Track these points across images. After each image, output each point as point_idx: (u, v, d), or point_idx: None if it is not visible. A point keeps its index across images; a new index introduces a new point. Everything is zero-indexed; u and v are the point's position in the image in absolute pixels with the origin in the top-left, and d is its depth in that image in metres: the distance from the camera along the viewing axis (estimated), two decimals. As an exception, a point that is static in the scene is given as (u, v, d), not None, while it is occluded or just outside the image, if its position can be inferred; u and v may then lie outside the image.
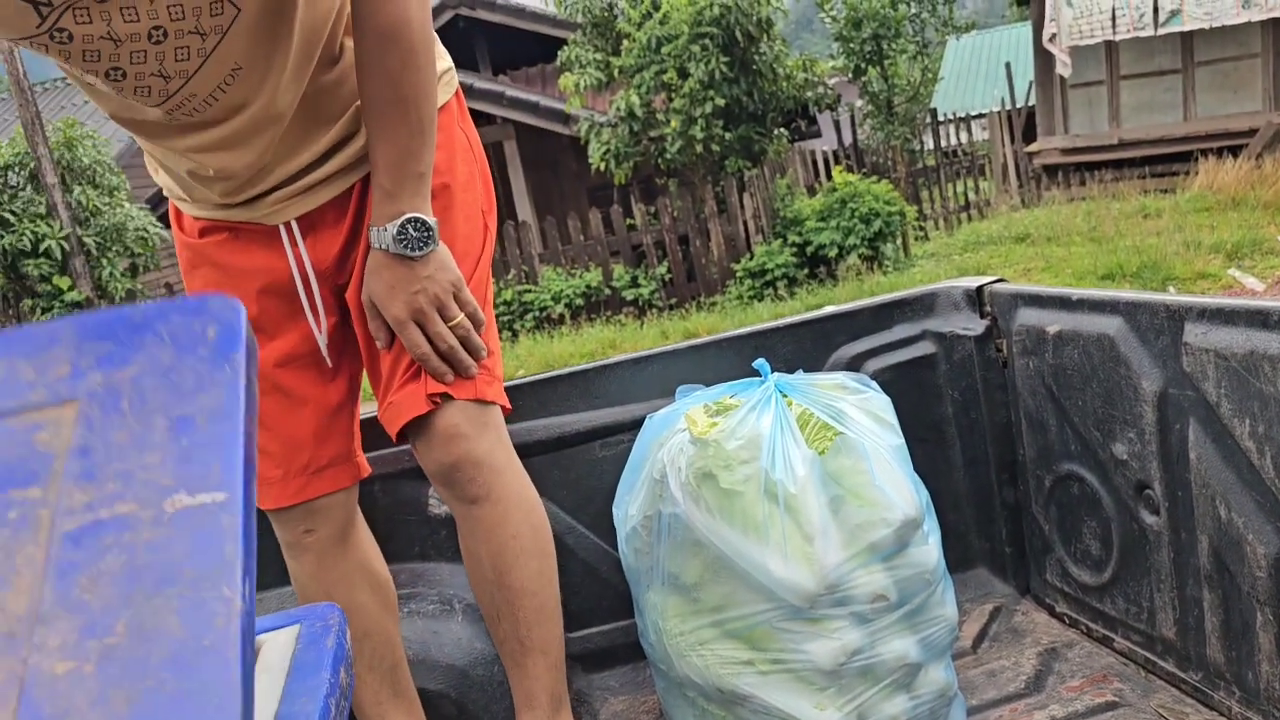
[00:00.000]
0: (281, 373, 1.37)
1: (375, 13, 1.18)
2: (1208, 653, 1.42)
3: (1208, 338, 1.31)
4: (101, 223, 10.56)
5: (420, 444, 1.37)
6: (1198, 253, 7.13)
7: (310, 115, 1.26)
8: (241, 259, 1.35)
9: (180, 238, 1.39)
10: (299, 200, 1.33)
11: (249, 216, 1.34)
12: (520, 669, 1.44)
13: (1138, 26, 10.78)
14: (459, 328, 1.32)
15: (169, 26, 1.07)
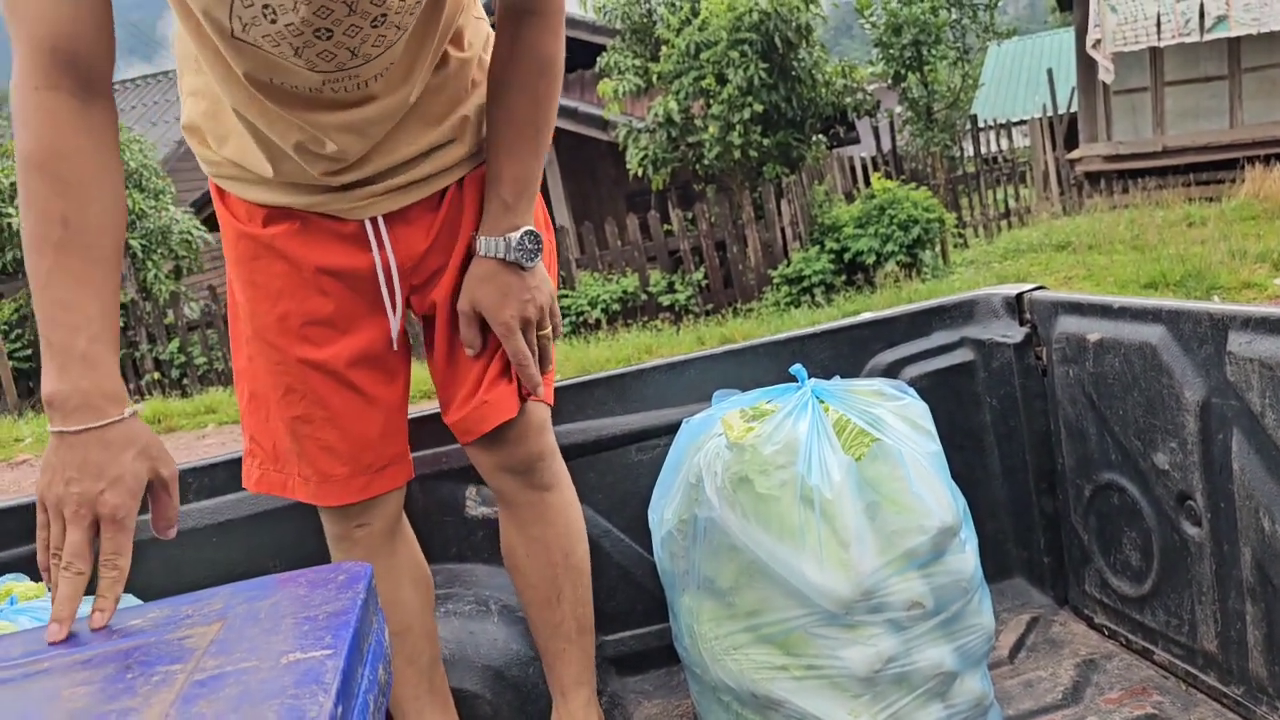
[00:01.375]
0: (354, 371, 1.37)
1: (540, 43, 1.28)
2: (1250, 667, 1.40)
3: (1252, 347, 1.29)
4: (147, 225, 10.77)
5: (501, 441, 1.42)
6: (1243, 262, 7.01)
7: (415, 114, 1.28)
8: (314, 253, 1.32)
9: (235, 226, 1.35)
10: (391, 197, 1.32)
11: (334, 208, 1.31)
12: (575, 647, 1.53)
13: (1183, 32, 10.63)
14: (545, 337, 1.39)
15: (391, 14, 1.13)
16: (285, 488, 1.40)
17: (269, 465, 1.40)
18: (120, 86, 18.96)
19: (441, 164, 1.34)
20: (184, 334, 10.33)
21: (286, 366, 1.35)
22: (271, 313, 1.34)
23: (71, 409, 1.04)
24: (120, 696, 0.86)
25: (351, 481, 1.40)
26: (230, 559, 1.67)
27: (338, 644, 0.88)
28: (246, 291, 1.35)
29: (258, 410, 1.39)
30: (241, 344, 1.39)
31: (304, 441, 1.37)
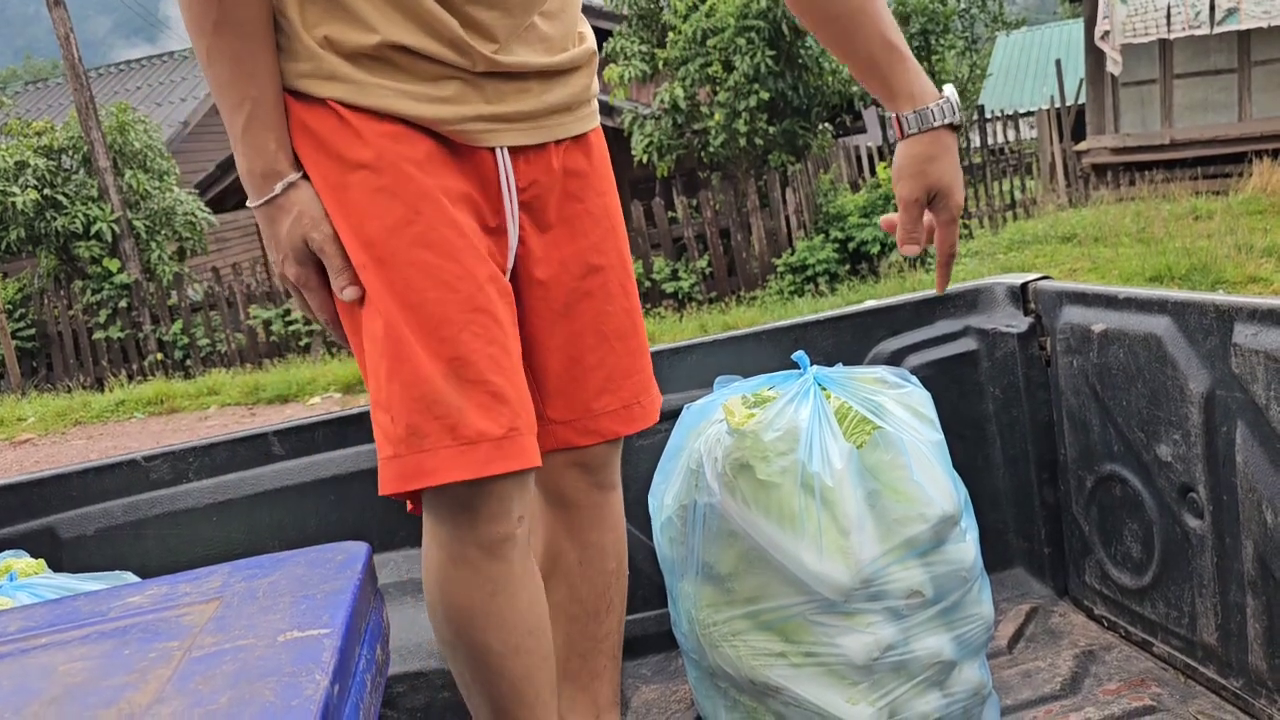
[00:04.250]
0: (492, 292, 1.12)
1: None
2: (1249, 659, 1.40)
3: (1258, 339, 1.28)
4: (151, 206, 10.76)
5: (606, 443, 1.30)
6: (1249, 256, 6.99)
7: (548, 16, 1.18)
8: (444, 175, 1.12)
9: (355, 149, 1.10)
10: (529, 128, 1.16)
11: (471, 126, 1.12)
12: (615, 664, 1.37)
13: (1193, 24, 10.57)
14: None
15: None
16: (435, 468, 1.05)
17: (407, 447, 1.06)
18: (124, 67, 18.93)
19: (576, 92, 1.20)
20: (187, 315, 10.33)
21: (465, 280, 1.08)
22: (434, 217, 1.09)
23: (249, 188, 1.12)
24: (117, 672, 0.86)
25: (528, 438, 1.09)
26: (229, 538, 1.67)
27: (335, 623, 0.89)
28: (383, 204, 1.08)
29: (401, 361, 1.06)
30: (372, 278, 1.09)
31: (471, 390, 1.06)
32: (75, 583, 1.40)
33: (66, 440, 7.39)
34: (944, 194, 1.17)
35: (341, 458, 1.73)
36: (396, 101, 1.09)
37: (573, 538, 1.32)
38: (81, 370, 10.44)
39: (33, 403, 8.85)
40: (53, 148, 10.53)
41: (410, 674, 1.59)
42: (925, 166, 1.16)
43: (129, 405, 8.15)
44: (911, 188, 1.17)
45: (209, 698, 0.78)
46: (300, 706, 0.75)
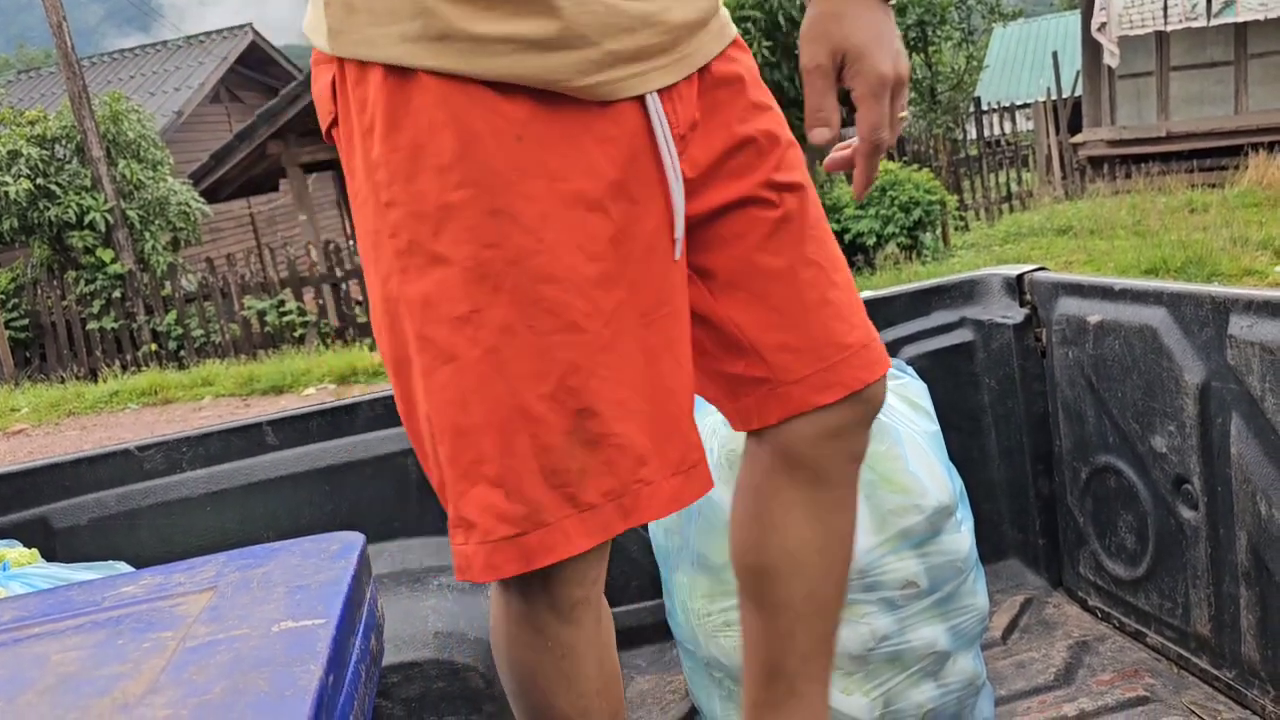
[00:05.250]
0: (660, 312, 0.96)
1: None
2: (1242, 650, 1.40)
3: (1254, 331, 1.28)
4: (145, 196, 10.71)
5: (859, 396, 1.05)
6: (1245, 249, 7.00)
7: None
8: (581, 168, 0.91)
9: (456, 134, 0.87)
10: (671, 65, 0.95)
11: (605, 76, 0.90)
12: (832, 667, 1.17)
13: (1190, 17, 10.56)
14: (903, 119, 0.97)
15: None
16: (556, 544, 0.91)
17: (531, 524, 0.90)
18: (117, 56, 18.85)
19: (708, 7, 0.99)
20: (181, 306, 10.30)
21: (594, 317, 0.91)
22: (560, 239, 0.89)
23: None
24: (111, 662, 0.86)
25: (663, 486, 0.95)
26: (223, 528, 1.67)
27: (329, 614, 0.88)
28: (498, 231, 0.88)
29: (518, 430, 0.90)
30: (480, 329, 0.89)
31: (596, 448, 0.91)
32: (69, 572, 1.40)
33: (60, 431, 7.37)
34: (856, 58, 0.92)
35: (336, 448, 1.72)
36: (518, 62, 0.87)
37: (816, 522, 1.09)
38: (75, 361, 10.41)
39: (26, 393, 8.83)
40: (46, 137, 10.48)
41: (405, 664, 1.59)
42: (830, 26, 0.92)
43: (123, 396, 8.14)
44: (811, 52, 0.93)
45: (203, 688, 0.78)
46: (294, 697, 0.75)
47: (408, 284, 0.89)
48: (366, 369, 7.80)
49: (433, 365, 0.90)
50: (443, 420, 0.91)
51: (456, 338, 0.88)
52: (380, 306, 0.94)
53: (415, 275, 0.89)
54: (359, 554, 1.03)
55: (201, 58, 17.25)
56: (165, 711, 0.75)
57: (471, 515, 0.91)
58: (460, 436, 0.90)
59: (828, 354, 1.02)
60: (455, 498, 0.91)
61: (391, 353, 0.94)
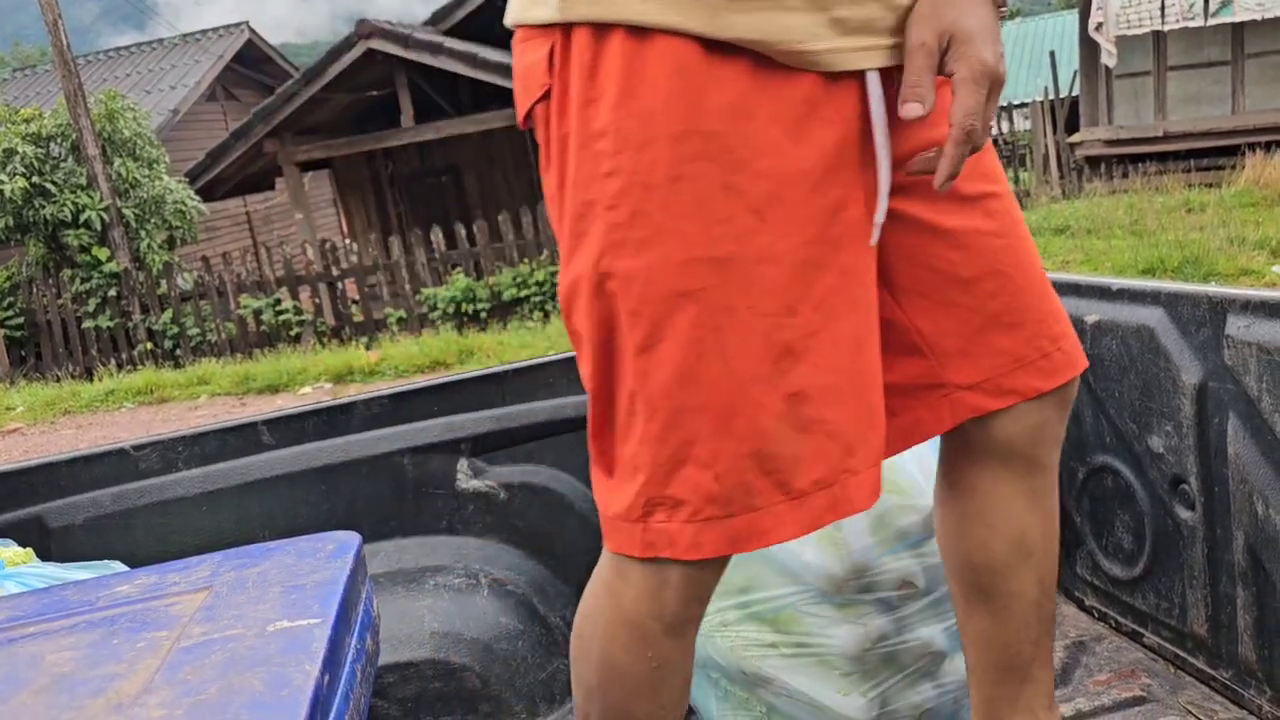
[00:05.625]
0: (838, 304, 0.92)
1: None
2: (1239, 650, 1.40)
3: (1251, 331, 1.28)
4: (140, 195, 10.70)
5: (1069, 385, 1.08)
6: (1241, 249, 7.01)
7: None
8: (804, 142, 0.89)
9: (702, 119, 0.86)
10: (893, 45, 0.92)
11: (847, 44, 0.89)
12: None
13: (1187, 16, 10.57)
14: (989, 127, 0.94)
15: None
16: (769, 529, 0.91)
17: (740, 506, 0.90)
18: (113, 54, 18.81)
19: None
20: (177, 305, 10.29)
21: (806, 301, 0.90)
22: (785, 218, 0.88)
23: None
24: (105, 662, 0.86)
25: (867, 477, 0.95)
26: (220, 527, 1.66)
27: (325, 613, 0.88)
28: (728, 206, 0.87)
29: (735, 411, 0.89)
30: (699, 306, 0.87)
31: (808, 434, 0.90)
32: (63, 572, 1.39)
33: (55, 429, 7.36)
34: (963, 41, 0.88)
35: (332, 447, 1.72)
36: (762, 20, 0.84)
37: (1035, 507, 1.12)
38: (70, 359, 10.39)
39: (21, 392, 8.81)
40: (41, 135, 10.46)
41: (400, 664, 1.58)
42: (942, 9, 0.89)
43: (118, 395, 8.12)
44: (919, 31, 0.89)
45: (198, 688, 0.77)
46: (290, 697, 0.74)
47: (624, 258, 0.87)
48: (363, 368, 7.80)
49: (648, 342, 0.88)
50: (654, 399, 0.89)
51: (677, 315, 0.87)
52: (584, 281, 0.91)
53: (634, 249, 0.87)
54: (355, 554, 1.03)
55: (197, 56, 17.23)
56: (160, 711, 0.75)
57: (680, 494, 0.90)
58: (674, 416, 0.89)
59: (1043, 345, 1.04)
60: (660, 476, 0.90)
61: (591, 328, 0.92)
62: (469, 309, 9.60)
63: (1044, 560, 1.14)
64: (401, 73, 11.36)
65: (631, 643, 0.98)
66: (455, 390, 1.76)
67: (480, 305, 9.57)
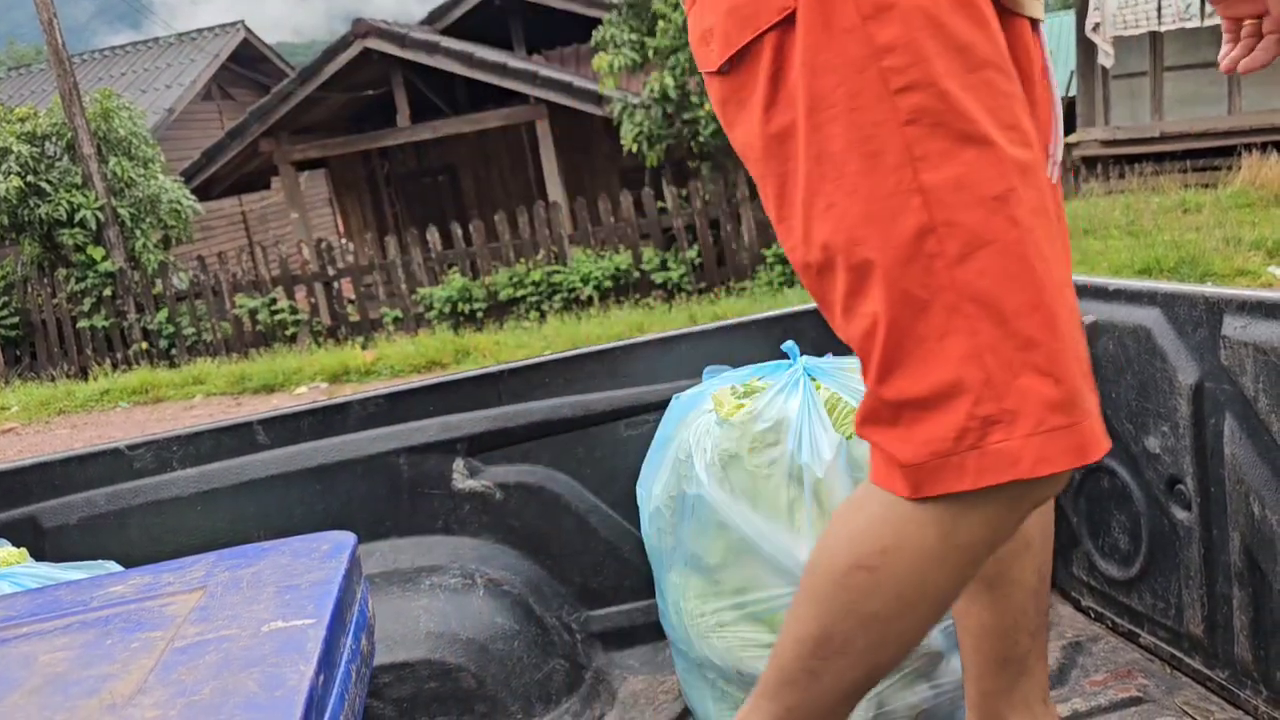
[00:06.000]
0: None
1: None
2: (1235, 651, 1.40)
3: (1247, 331, 1.28)
4: (136, 194, 10.68)
5: None
6: (1238, 249, 7.02)
7: None
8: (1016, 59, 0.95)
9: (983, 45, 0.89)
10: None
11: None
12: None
13: (1184, 17, 10.59)
14: None
15: None
16: (1096, 442, 0.88)
17: (1081, 413, 0.87)
18: (108, 53, 18.77)
19: None
20: (173, 304, 10.27)
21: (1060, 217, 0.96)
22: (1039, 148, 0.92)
23: None
24: (99, 662, 0.85)
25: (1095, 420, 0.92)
26: (214, 528, 1.66)
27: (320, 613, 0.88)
28: (1014, 105, 0.90)
29: (1051, 306, 0.87)
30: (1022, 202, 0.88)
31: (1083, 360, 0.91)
32: (57, 572, 1.39)
33: (50, 429, 7.34)
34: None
35: (328, 447, 1.72)
36: None
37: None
38: (65, 359, 10.37)
39: (16, 392, 8.79)
40: (36, 134, 10.43)
41: (396, 664, 1.58)
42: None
43: (113, 394, 8.11)
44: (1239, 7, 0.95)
45: (192, 688, 0.77)
46: (285, 697, 0.74)
47: (930, 170, 0.86)
48: (359, 368, 7.79)
49: (965, 251, 0.86)
50: (978, 307, 0.86)
51: (994, 219, 0.86)
52: (878, 204, 0.87)
53: (940, 160, 0.86)
54: (350, 554, 1.03)
55: (193, 55, 17.20)
56: (154, 712, 0.75)
57: (1019, 406, 0.85)
58: (1003, 323, 0.86)
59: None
60: (993, 393, 0.85)
61: (893, 250, 0.88)
62: (465, 309, 9.59)
63: (1042, 550, 1.17)
64: (398, 72, 11.36)
65: (959, 568, 0.93)
66: (451, 390, 1.75)
67: (476, 305, 9.57)
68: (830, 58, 0.87)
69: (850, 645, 0.97)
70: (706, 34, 0.96)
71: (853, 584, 0.95)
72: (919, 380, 0.88)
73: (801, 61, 0.88)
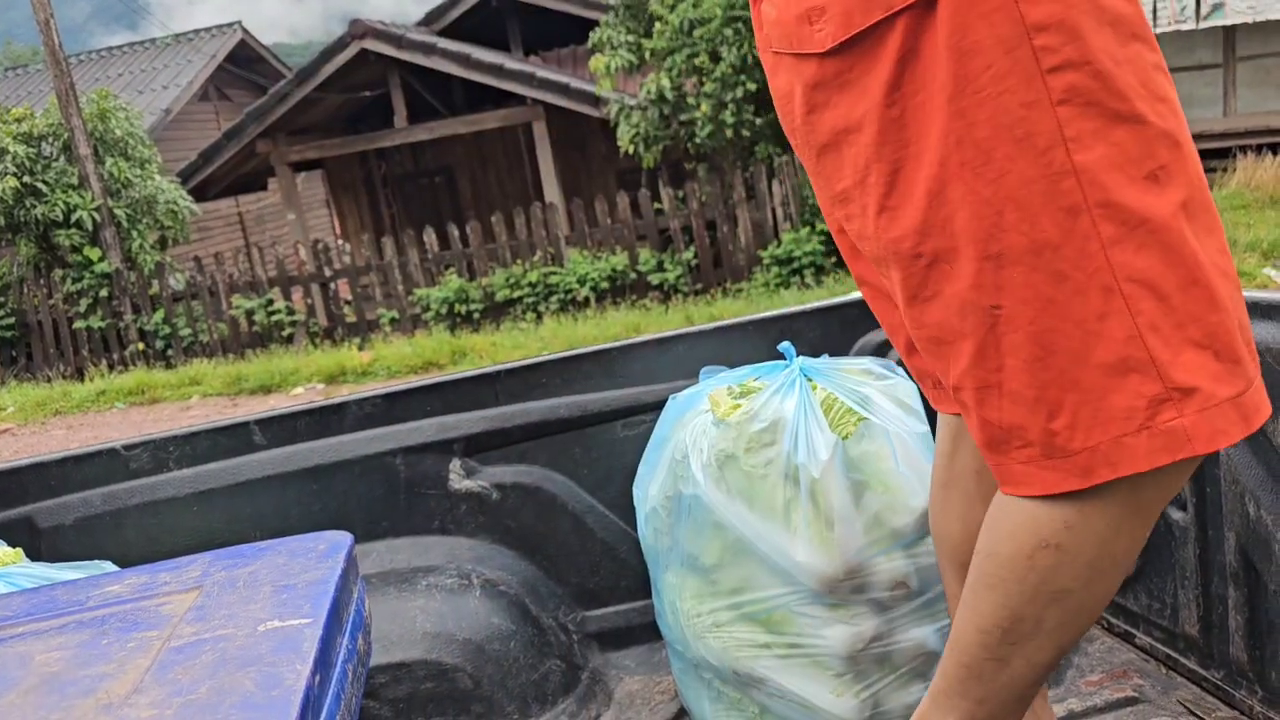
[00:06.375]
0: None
1: None
2: (1230, 651, 1.40)
3: (1242, 332, 1.29)
4: (132, 195, 10.66)
5: None
6: (1233, 251, 7.03)
7: None
8: None
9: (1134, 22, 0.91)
10: None
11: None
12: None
13: (1179, 19, 10.61)
14: None
15: None
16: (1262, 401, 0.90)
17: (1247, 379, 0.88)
18: (105, 54, 18.75)
19: None
20: (169, 305, 10.25)
21: None
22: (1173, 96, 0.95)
23: None
24: (95, 662, 0.85)
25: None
26: (210, 528, 1.66)
27: (317, 613, 0.88)
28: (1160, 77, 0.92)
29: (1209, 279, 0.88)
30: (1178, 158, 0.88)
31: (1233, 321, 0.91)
32: (53, 572, 1.39)
33: (46, 430, 7.33)
34: None
35: (324, 447, 1.71)
36: None
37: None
38: (62, 360, 10.35)
39: (12, 392, 8.78)
40: (32, 135, 10.41)
41: (393, 664, 1.58)
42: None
43: (110, 395, 8.10)
44: None
45: (188, 688, 0.77)
46: (281, 697, 0.74)
47: (1083, 150, 0.85)
48: (355, 369, 7.78)
49: (1122, 233, 0.85)
50: (1136, 286, 0.85)
51: (1148, 198, 0.85)
52: (1028, 188, 0.86)
53: (1093, 140, 0.85)
54: (346, 553, 1.03)
55: (190, 56, 17.18)
56: (150, 712, 0.75)
57: (1187, 382, 0.85)
58: (1163, 300, 0.85)
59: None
60: (1160, 372, 0.85)
61: (1037, 237, 0.86)
62: (462, 309, 9.59)
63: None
64: (395, 73, 11.35)
65: (1140, 527, 0.94)
66: (448, 390, 1.76)
67: (473, 306, 9.56)
68: (978, 39, 0.85)
69: (1041, 625, 0.96)
70: (813, 12, 0.92)
71: (1040, 563, 0.94)
72: (1080, 364, 0.86)
73: (946, 44, 0.86)
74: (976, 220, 0.87)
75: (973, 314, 0.89)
